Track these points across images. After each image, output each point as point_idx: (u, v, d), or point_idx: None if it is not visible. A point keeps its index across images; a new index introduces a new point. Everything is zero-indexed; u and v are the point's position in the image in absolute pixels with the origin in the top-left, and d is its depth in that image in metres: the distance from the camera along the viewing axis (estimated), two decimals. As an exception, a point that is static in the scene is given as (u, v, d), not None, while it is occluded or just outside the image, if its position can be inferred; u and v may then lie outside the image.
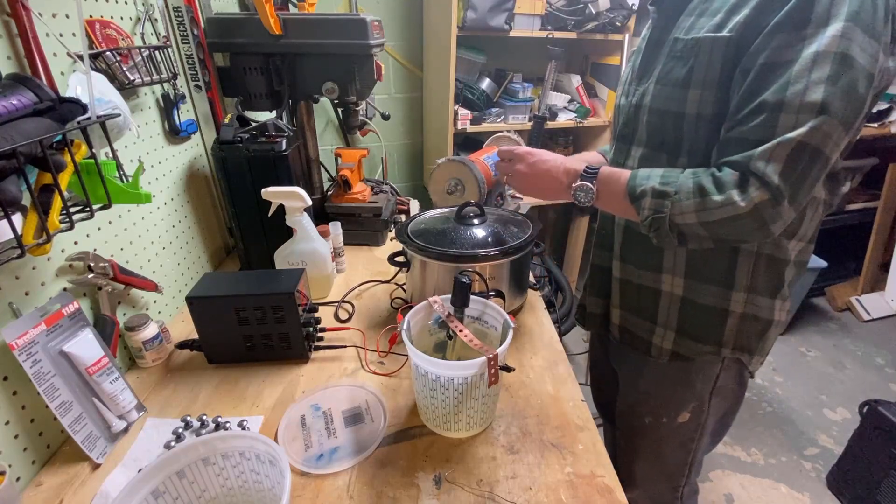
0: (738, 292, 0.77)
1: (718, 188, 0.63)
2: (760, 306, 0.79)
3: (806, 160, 0.59)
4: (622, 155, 0.85)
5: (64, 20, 0.71)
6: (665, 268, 0.81)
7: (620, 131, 0.85)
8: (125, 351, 0.87)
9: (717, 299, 0.79)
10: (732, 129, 0.64)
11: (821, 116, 0.57)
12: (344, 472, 0.67)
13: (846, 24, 0.56)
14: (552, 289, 2.18)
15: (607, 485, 0.66)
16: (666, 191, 0.66)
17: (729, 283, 0.77)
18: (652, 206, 0.67)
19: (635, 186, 0.69)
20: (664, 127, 0.75)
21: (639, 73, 0.80)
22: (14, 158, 0.50)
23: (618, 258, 0.88)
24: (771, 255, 0.75)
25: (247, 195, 1.06)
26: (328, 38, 1.09)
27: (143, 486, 0.51)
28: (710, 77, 0.67)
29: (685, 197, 0.65)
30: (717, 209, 0.63)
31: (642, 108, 0.78)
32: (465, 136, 1.98)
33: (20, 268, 0.65)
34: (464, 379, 0.65)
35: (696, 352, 0.83)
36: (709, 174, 0.65)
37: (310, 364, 0.90)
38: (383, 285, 1.16)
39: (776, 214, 0.61)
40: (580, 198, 0.75)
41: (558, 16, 1.81)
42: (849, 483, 1.58)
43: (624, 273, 0.88)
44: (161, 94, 0.98)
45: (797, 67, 0.58)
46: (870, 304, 2.58)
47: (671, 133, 0.74)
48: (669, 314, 0.83)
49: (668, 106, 0.73)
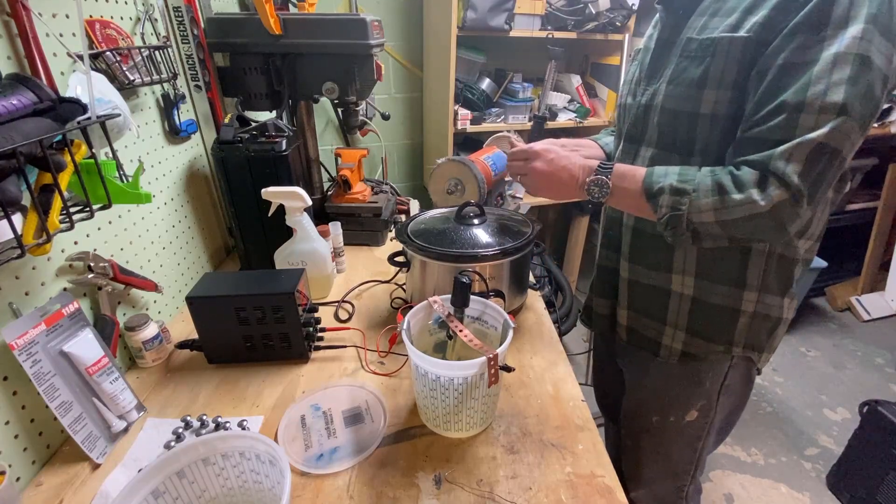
0: (749, 291, 0.77)
1: (738, 187, 0.62)
2: (771, 305, 0.79)
3: (825, 161, 0.59)
4: (630, 155, 0.84)
5: (64, 20, 0.71)
6: (675, 268, 0.80)
7: (628, 131, 0.85)
8: (125, 351, 0.87)
9: (729, 299, 0.78)
10: (750, 129, 0.64)
11: (841, 117, 0.57)
12: (344, 472, 0.67)
13: (866, 27, 0.56)
14: (552, 289, 2.18)
15: (607, 485, 0.66)
16: (684, 188, 0.66)
17: (741, 283, 0.77)
18: (670, 203, 0.67)
19: (652, 183, 0.69)
20: (676, 127, 0.74)
21: (648, 73, 0.80)
22: (14, 158, 0.50)
23: (626, 259, 0.88)
24: (782, 254, 0.75)
25: (247, 195, 1.06)
26: (328, 38, 1.09)
27: (143, 486, 0.51)
28: (726, 77, 0.67)
29: (704, 195, 0.65)
30: (735, 208, 0.62)
31: (653, 108, 0.78)
32: (465, 136, 1.98)
33: (20, 268, 0.65)
34: (464, 379, 0.65)
35: (707, 351, 0.83)
36: (727, 173, 0.64)
37: (310, 364, 0.90)
38: (383, 285, 1.16)
39: (794, 214, 0.61)
40: (594, 193, 0.74)
41: (558, 16, 1.81)
42: (849, 483, 1.58)
43: (632, 274, 0.87)
44: (161, 94, 0.98)
45: (818, 68, 0.58)
46: (870, 304, 2.58)
47: (684, 133, 0.74)
48: (679, 314, 0.83)
49: (681, 106, 0.73)
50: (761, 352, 0.83)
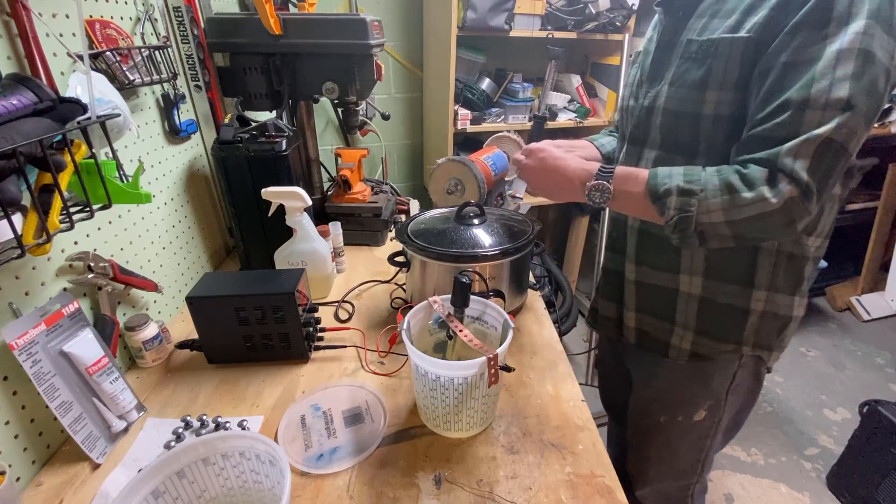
0: (759, 291, 0.77)
1: (748, 185, 0.62)
2: (780, 304, 0.78)
3: (831, 156, 0.59)
4: (634, 158, 0.84)
5: (64, 20, 0.71)
6: (683, 268, 0.80)
7: (631, 133, 0.85)
8: (125, 351, 0.87)
9: (738, 298, 0.78)
10: (755, 127, 0.64)
11: (846, 113, 0.58)
12: (344, 472, 0.67)
13: (868, 22, 0.57)
14: (552, 289, 2.18)
15: (607, 485, 0.66)
16: (692, 189, 0.65)
17: (749, 282, 0.77)
18: (678, 205, 0.66)
19: (657, 185, 0.68)
20: (679, 129, 0.74)
21: (650, 76, 0.80)
22: (14, 158, 0.50)
23: (632, 261, 0.87)
24: (791, 252, 0.75)
25: (247, 195, 1.06)
26: (328, 38, 1.09)
27: (143, 486, 0.51)
28: (728, 78, 0.67)
29: (712, 195, 0.64)
30: (746, 206, 0.62)
31: (655, 111, 0.78)
32: (465, 136, 1.98)
33: (20, 268, 0.65)
34: (464, 379, 0.65)
35: (716, 351, 0.82)
36: (734, 171, 0.64)
37: (310, 364, 0.90)
38: (383, 285, 1.16)
39: (804, 210, 0.61)
40: (595, 198, 0.73)
41: (558, 16, 1.81)
42: (849, 483, 1.58)
43: (639, 275, 0.87)
44: (161, 94, 0.98)
45: (821, 65, 0.58)
46: (870, 304, 2.58)
47: (686, 134, 0.74)
48: (688, 314, 0.83)
49: (683, 108, 0.73)
50: (771, 351, 0.83)
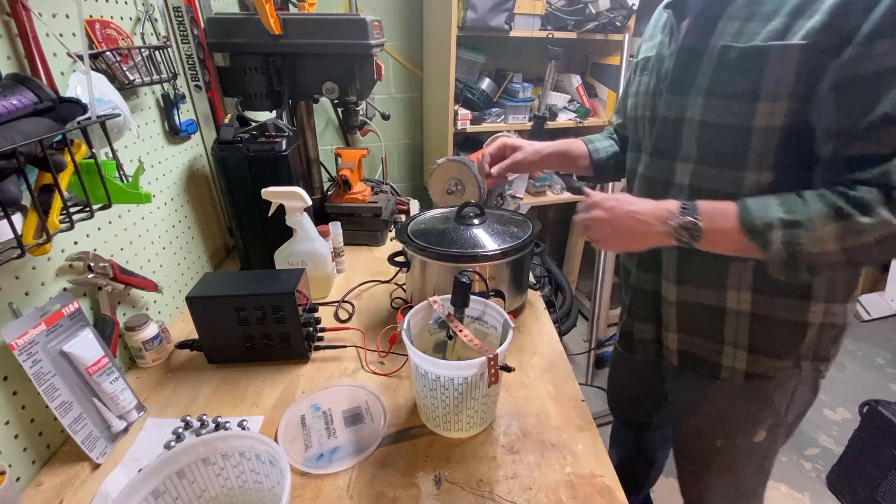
0: (816, 302, 0.73)
1: (862, 210, 0.57)
2: (837, 313, 0.75)
3: None
4: (663, 171, 0.78)
5: (64, 20, 0.71)
6: (730, 284, 0.75)
7: (655, 146, 0.79)
8: (125, 351, 0.87)
9: (794, 312, 0.74)
10: (848, 145, 0.59)
11: None
12: (344, 472, 0.67)
13: None
14: (552, 289, 2.19)
15: (607, 485, 0.66)
16: (796, 220, 0.60)
17: (807, 295, 0.72)
18: (785, 238, 0.61)
19: (753, 220, 0.62)
20: (723, 142, 0.69)
21: (671, 85, 0.74)
22: (14, 158, 0.50)
23: (671, 280, 0.81)
24: None
25: (247, 195, 1.06)
26: (328, 38, 1.09)
27: (143, 486, 0.51)
28: (782, 88, 0.62)
29: (822, 223, 0.59)
30: (864, 232, 0.57)
31: (686, 123, 0.72)
32: (465, 136, 1.98)
33: (20, 268, 0.65)
34: (464, 379, 0.65)
35: (774, 368, 0.78)
36: (839, 195, 0.59)
37: (310, 364, 0.90)
38: (383, 285, 1.16)
39: None
40: (684, 238, 0.66)
41: (558, 16, 1.81)
42: (849, 483, 1.58)
43: (681, 295, 0.81)
44: (161, 94, 0.99)
45: None
46: (870, 304, 2.58)
47: (732, 148, 0.68)
48: (738, 333, 0.78)
49: (727, 120, 0.67)
50: (829, 360, 0.79)
